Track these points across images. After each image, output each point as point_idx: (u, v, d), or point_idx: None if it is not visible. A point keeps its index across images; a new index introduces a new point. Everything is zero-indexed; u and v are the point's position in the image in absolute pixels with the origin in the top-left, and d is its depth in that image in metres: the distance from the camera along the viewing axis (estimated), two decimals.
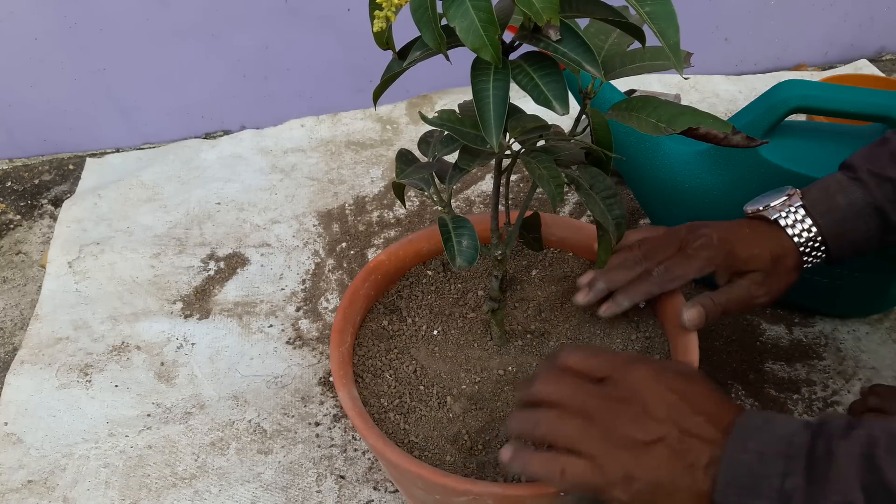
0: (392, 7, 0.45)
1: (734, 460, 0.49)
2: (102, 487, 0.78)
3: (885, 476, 0.45)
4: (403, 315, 0.73)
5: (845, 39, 1.41)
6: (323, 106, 1.29)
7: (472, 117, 0.54)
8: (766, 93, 0.79)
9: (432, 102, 1.29)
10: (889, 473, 0.45)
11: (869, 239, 0.69)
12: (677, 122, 0.51)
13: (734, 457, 0.49)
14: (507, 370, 0.67)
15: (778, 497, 0.47)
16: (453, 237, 0.55)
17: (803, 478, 0.47)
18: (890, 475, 0.45)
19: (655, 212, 0.92)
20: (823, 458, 0.47)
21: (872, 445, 0.46)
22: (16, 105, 1.21)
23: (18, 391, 0.87)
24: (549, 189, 0.53)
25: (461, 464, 0.61)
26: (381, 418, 0.64)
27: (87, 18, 1.14)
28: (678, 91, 1.29)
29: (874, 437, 0.47)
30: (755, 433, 0.50)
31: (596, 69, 0.47)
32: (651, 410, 0.51)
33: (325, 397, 0.86)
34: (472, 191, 1.13)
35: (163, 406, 0.86)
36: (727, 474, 0.49)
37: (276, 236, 1.06)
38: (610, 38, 0.59)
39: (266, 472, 0.79)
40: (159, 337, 0.93)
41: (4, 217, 1.14)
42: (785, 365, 0.87)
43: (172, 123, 1.27)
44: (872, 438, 0.47)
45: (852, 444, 0.47)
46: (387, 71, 0.53)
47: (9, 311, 1.00)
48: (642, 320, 0.71)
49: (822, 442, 0.48)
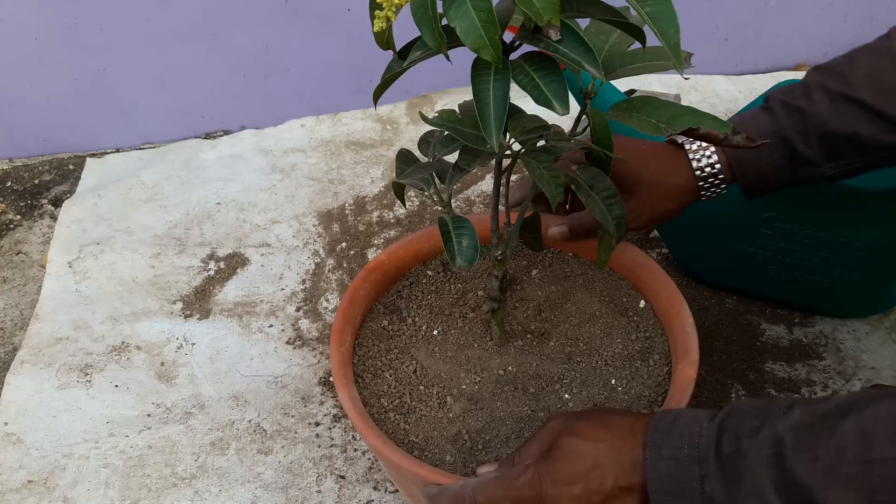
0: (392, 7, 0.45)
1: (655, 469, 0.51)
2: (102, 487, 0.78)
3: (795, 475, 0.46)
4: (403, 315, 0.73)
5: (845, 39, 1.41)
6: (323, 106, 1.29)
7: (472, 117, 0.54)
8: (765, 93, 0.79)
9: (432, 102, 1.29)
10: (799, 471, 0.46)
11: (777, 170, 0.68)
12: (677, 122, 0.51)
13: (654, 466, 0.51)
14: (507, 370, 0.67)
15: (702, 500, 0.49)
16: (453, 237, 0.55)
17: (719, 481, 0.49)
18: (800, 472, 0.46)
19: None
20: (733, 456, 0.49)
21: (779, 445, 0.47)
22: (16, 105, 1.21)
23: (18, 391, 0.87)
24: (549, 189, 0.53)
25: (461, 464, 0.61)
26: (381, 418, 0.64)
27: (87, 18, 1.14)
28: (678, 91, 1.29)
29: (780, 436, 0.47)
30: (665, 437, 0.52)
31: (596, 69, 0.47)
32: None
33: (325, 397, 0.86)
34: (472, 191, 1.13)
35: (163, 406, 0.86)
36: (654, 484, 0.51)
37: (276, 236, 1.06)
38: (610, 38, 0.59)
39: (266, 472, 0.79)
40: (159, 337, 0.93)
41: (4, 217, 1.14)
42: (785, 365, 0.87)
43: (172, 123, 1.27)
44: (778, 438, 0.47)
45: (761, 445, 0.48)
46: (387, 71, 0.53)
47: (9, 311, 1.00)
48: (642, 320, 0.71)
49: (730, 438, 0.49)
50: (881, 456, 0.44)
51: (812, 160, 0.67)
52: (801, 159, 0.67)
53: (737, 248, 0.88)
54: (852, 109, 0.65)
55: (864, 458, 0.44)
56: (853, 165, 0.67)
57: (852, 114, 0.65)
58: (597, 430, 0.54)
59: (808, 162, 0.67)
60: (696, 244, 0.91)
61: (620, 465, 0.52)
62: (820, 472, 0.45)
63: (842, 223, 0.80)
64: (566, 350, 0.69)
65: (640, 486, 0.52)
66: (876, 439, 0.44)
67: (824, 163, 0.67)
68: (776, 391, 0.84)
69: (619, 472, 0.52)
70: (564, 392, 0.66)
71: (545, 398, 0.65)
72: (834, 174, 0.68)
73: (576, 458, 0.53)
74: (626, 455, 0.53)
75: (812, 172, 0.68)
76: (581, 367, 0.68)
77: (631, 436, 0.53)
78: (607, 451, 0.53)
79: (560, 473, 0.53)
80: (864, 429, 0.45)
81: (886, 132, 0.64)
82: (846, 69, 0.66)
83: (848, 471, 0.44)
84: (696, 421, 0.52)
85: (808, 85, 0.68)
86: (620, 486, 0.52)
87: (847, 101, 0.65)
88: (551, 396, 0.66)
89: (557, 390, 0.66)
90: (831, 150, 0.66)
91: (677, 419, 0.52)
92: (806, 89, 0.67)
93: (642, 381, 0.66)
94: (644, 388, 0.66)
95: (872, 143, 0.65)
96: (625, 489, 0.53)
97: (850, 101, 0.65)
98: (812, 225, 0.82)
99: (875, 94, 0.64)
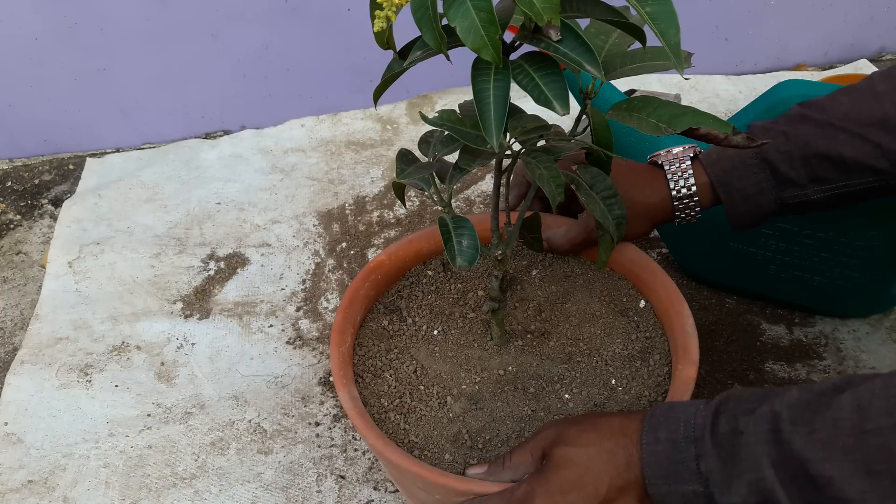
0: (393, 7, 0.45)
1: (652, 453, 0.52)
2: (102, 487, 0.78)
3: (792, 447, 0.46)
4: (403, 315, 0.73)
5: (845, 39, 1.41)
6: (323, 106, 1.29)
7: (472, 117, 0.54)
8: (766, 93, 0.79)
9: (432, 102, 1.29)
10: (795, 444, 0.46)
11: (762, 193, 0.68)
12: (678, 122, 0.51)
13: (651, 449, 0.52)
14: (507, 370, 0.67)
15: (698, 479, 0.50)
16: (453, 237, 0.55)
17: (715, 458, 0.49)
18: (797, 445, 0.46)
19: None
20: (729, 435, 0.49)
21: (777, 421, 0.48)
22: (16, 105, 1.21)
23: (18, 391, 0.87)
24: (549, 189, 0.53)
25: (461, 463, 0.61)
26: (382, 418, 0.64)
27: (87, 18, 1.14)
28: (678, 91, 1.29)
29: (777, 412, 0.48)
30: (662, 423, 0.52)
31: (596, 69, 0.47)
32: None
33: (325, 397, 0.86)
34: (472, 191, 1.13)
35: (163, 406, 0.86)
36: (650, 467, 0.52)
37: (276, 236, 1.06)
38: (610, 38, 0.59)
39: (266, 472, 0.79)
40: (159, 337, 0.93)
41: (4, 217, 1.14)
42: (785, 365, 0.87)
43: (172, 123, 1.27)
44: (776, 414, 0.48)
45: (758, 420, 0.48)
46: (387, 71, 0.53)
47: (9, 311, 1.00)
48: (642, 320, 0.71)
49: (726, 419, 0.50)
50: (876, 426, 0.44)
51: (795, 182, 0.67)
52: (784, 180, 0.68)
53: (737, 248, 0.88)
54: (836, 134, 0.65)
55: (859, 428, 0.45)
56: (838, 189, 0.67)
57: (836, 138, 0.65)
58: (586, 435, 0.54)
59: (792, 184, 0.68)
60: (696, 244, 0.91)
61: (614, 465, 0.53)
62: (816, 444, 0.46)
63: (842, 223, 0.80)
64: (566, 350, 0.69)
65: (636, 482, 0.52)
66: (871, 411, 0.45)
67: (808, 185, 0.67)
68: None
69: (614, 473, 0.53)
70: (564, 392, 0.66)
71: (545, 398, 0.65)
72: (819, 199, 0.68)
73: (567, 466, 0.54)
74: (619, 455, 0.53)
75: (796, 196, 0.68)
76: (581, 367, 0.68)
77: (622, 435, 0.54)
78: (599, 455, 0.53)
79: (553, 484, 0.53)
80: (861, 402, 0.45)
81: (870, 156, 0.65)
82: (828, 103, 0.67)
83: (844, 442, 0.45)
84: (692, 405, 0.53)
85: (790, 115, 0.68)
86: (617, 486, 0.53)
87: (831, 127, 0.66)
88: (551, 396, 0.65)
89: (557, 390, 0.66)
90: (815, 173, 0.67)
91: (673, 406, 0.54)
92: (788, 118, 0.68)
93: (642, 381, 0.66)
94: (644, 388, 0.66)
95: (856, 166, 0.65)
96: (622, 489, 0.53)
97: (834, 126, 0.66)
98: (812, 225, 0.82)
99: (858, 125, 0.65)
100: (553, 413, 0.64)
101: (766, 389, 0.52)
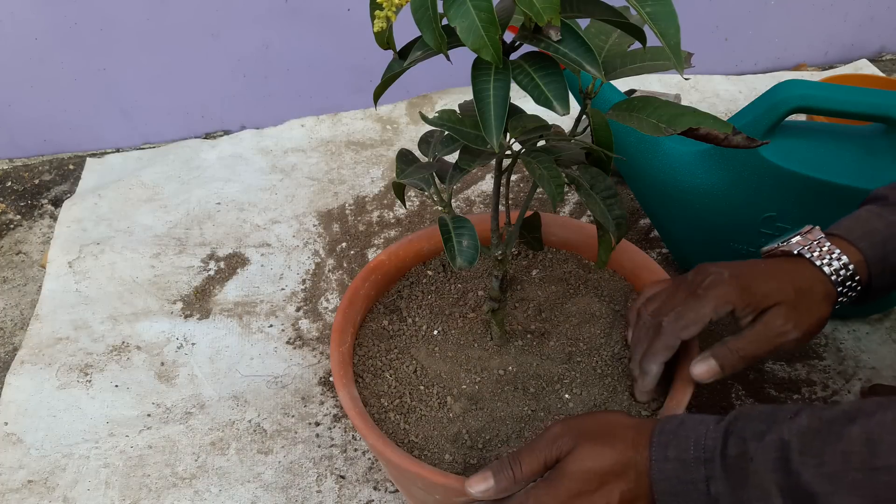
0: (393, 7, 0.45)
1: (661, 471, 0.52)
2: (102, 487, 0.78)
3: (801, 479, 0.46)
4: (403, 315, 0.73)
5: (845, 39, 1.41)
6: (323, 106, 1.29)
7: (472, 117, 0.54)
8: (766, 93, 0.79)
9: (432, 102, 1.29)
10: (804, 475, 0.46)
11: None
12: (678, 122, 0.51)
13: (660, 467, 0.52)
14: (507, 370, 0.67)
15: (707, 500, 0.50)
16: (453, 237, 0.55)
17: (725, 482, 0.49)
18: (806, 476, 0.46)
19: (655, 212, 0.92)
20: (739, 459, 0.49)
21: (786, 449, 0.47)
22: (16, 105, 1.21)
23: (18, 391, 0.87)
24: (549, 189, 0.53)
25: (461, 463, 0.61)
26: (381, 418, 0.64)
27: (87, 18, 1.14)
28: (678, 91, 1.29)
29: (786, 441, 0.47)
30: (672, 439, 0.52)
31: (596, 69, 0.47)
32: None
33: (325, 397, 0.86)
34: (472, 191, 1.13)
35: (163, 406, 0.86)
36: (659, 485, 0.52)
37: (276, 236, 1.06)
38: (610, 38, 0.59)
39: (266, 472, 0.79)
40: (159, 337, 0.93)
41: (4, 217, 1.14)
42: (785, 365, 0.87)
43: (172, 123, 1.27)
44: (785, 442, 0.47)
45: (767, 448, 0.48)
46: (387, 71, 0.53)
47: (9, 311, 1.00)
48: None
49: (736, 441, 0.50)
50: (887, 464, 0.44)
51: None
52: None
53: (737, 248, 0.88)
54: None
55: (869, 464, 0.44)
56: None
57: None
58: (599, 449, 0.54)
59: None
60: (696, 244, 0.91)
61: (625, 480, 0.53)
62: (825, 477, 0.45)
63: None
64: (566, 350, 0.69)
65: (646, 494, 0.52)
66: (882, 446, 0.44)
67: None
68: (776, 391, 0.84)
69: (625, 488, 0.53)
70: (564, 392, 0.66)
71: (545, 398, 0.65)
72: None
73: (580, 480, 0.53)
74: (631, 469, 0.53)
75: None
76: (581, 367, 0.68)
77: (633, 450, 0.53)
78: (612, 468, 0.53)
79: (563, 496, 0.53)
80: (871, 435, 0.45)
81: None
82: None
83: (853, 477, 0.44)
84: (702, 423, 0.52)
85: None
86: (627, 500, 0.53)
87: None
88: (551, 396, 0.66)
89: (557, 390, 0.66)
90: None
91: (684, 422, 0.53)
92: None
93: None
94: None
95: None
96: (632, 501, 0.53)
97: None
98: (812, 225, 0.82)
99: None
100: (553, 413, 0.64)
101: (775, 408, 0.51)
